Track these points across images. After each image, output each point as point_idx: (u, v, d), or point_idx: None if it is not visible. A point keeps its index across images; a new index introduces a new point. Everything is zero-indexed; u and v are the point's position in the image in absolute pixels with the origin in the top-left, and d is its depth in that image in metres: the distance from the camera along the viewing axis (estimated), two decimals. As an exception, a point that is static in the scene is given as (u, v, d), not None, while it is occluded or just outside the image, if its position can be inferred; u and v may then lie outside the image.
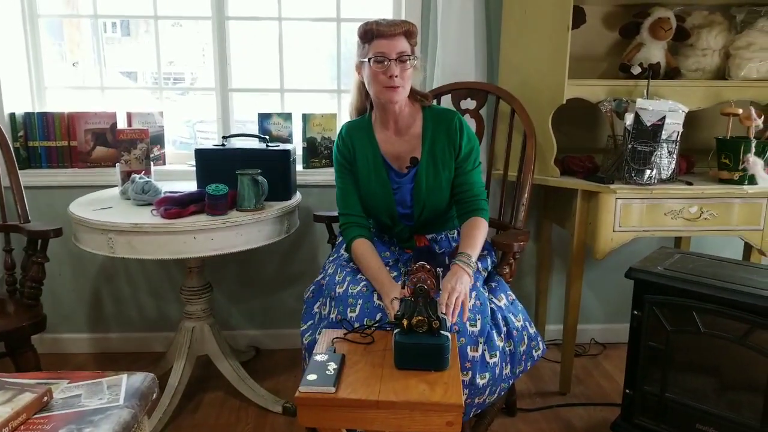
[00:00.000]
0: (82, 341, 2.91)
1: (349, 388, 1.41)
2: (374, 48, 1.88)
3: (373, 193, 2.03)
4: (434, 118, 2.03)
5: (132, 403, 1.38)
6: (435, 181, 2.00)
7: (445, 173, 2.01)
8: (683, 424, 2.00)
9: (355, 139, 2.06)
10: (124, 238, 2.00)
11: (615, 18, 2.63)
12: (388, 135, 2.05)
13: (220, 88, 2.81)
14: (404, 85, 1.92)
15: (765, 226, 2.35)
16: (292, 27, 2.85)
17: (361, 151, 2.04)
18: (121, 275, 2.86)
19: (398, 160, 2.04)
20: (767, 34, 2.38)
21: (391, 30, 1.87)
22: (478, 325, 1.76)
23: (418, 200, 2.02)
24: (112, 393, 1.40)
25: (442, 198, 2.03)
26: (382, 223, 2.10)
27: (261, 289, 2.92)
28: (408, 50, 1.91)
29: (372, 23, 1.89)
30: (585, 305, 2.96)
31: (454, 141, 2.00)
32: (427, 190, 2.00)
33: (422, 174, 2.00)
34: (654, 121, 2.23)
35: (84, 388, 1.42)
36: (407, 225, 2.08)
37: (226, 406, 2.45)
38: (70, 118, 2.68)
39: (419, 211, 2.03)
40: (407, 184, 2.03)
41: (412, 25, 1.93)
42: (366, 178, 2.03)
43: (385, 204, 2.03)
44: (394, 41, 1.88)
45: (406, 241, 2.10)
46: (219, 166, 2.27)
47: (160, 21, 2.79)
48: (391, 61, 1.87)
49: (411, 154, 2.02)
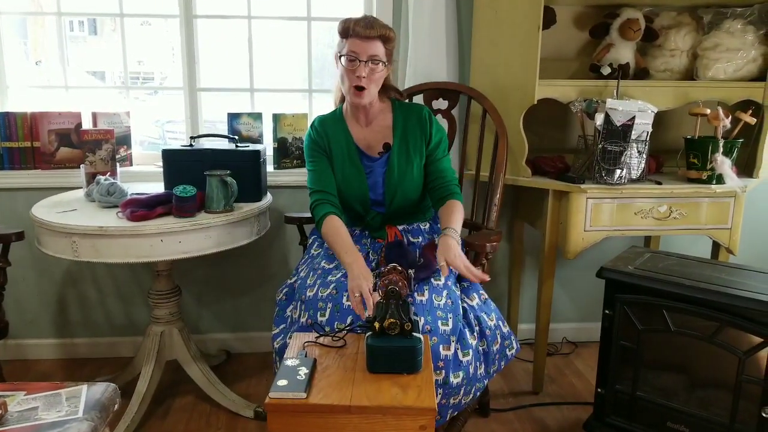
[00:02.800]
0: (47, 347, 2.84)
1: (321, 394, 1.39)
2: (348, 46, 1.92)
3: (348, 179, 2.04)
4: (404, 111, 2.10)
5: (92, 415, 1.33)
6: (407, 166, 2.03)
7: (416, 159, 2.04)
8: (654, 422, 2.02)
9: (328, 129, 2.08)
10: (89, 241, 1.95)
11: (585, 18, 2.65)
12: (360, 125, 2.08)
13: (188, 87, 2.76)
14: (370, 86, 1.95)
15: (733, 225, 2.38)
16: (261, 26, 2.81)
17: (335, 141, 2.06)
18: (88, 279, 2.79)
19: (370, 148, 2.07)
20: (734, 35, 2.41)
21: (367, 32, 1.89)
22: (450, 323, 1.75)
23: (390, 185, 2.03)
24: (71, 405, 1.36)
25: (413, 185, 2.05)
26: (354, 211, 2.09)
27: (231, 292, 2.87)
28: (381, 54, 1.93)
29: (351, 21, 1.91)
30: (557, 304, 2.97)
31: (425, 130, 2.06)
32: (399, 175, 2.02)
33: (394, 158, 2.03)
34: (624, 121, 2.24)
35: (41, 400, 1.37)
36: (379, 212, 2.08)
37: (197, 411, 2.41)
38: (33, 118, 2.60)
39: (391, 196, 2.04)
40: (379, 168, 2.05)
41: (391, 31, 1.95)
42: (340, 165, 2.05)
43: (358, 189, 2.04)
44: (369, 43, 1.90)
45: (378, 230, 2.09)
46: (187, 167, 2.23)
47: (129, 19, 2.73)
48: (361, 62, 1.90)
49: (383, 140, 2.06)
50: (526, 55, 2.32)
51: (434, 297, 1.80)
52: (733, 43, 2.41)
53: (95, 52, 3.06)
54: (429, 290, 1.81)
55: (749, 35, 2.41)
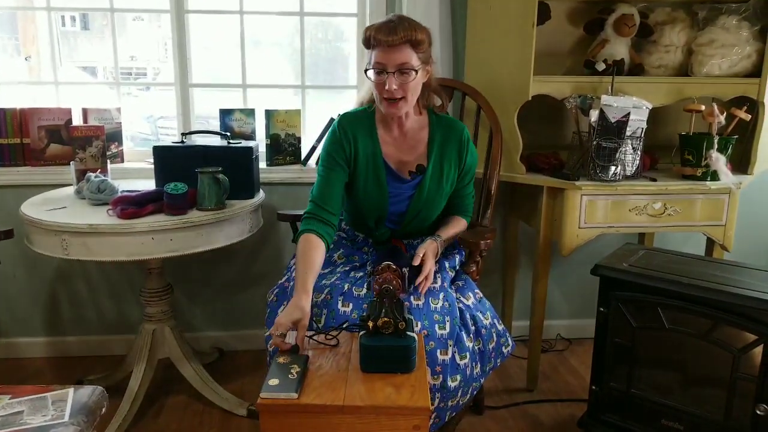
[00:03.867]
0: (38, 345, 2.81)
1: (313, 393, 1.38)
2: (374, 57, 1.76)
3: (369, 197, 1.93)
4: (443, 127, 1.95)
5: (78, 419, 1.31)
6: (436, 193, 1.95)
7: (446, 187, 1.96)
8: (649, 420, 2.01)
9: (358, 134, 1.90)
10: (79, 239, 1.93)
11: (580, 14, 2.63)
12: (392, 136, 1.93)
13: (180, 83, 2.73)
14: (407, 96, 1.79)
15: (727, 222, 2.38)
16: (254, 21, 2.78)
17: (363, 150, 1.90)
18: (79, 277, 2.76)
19: (401, 165, 1.94)
20: (729, 31, 2.40)
21: (391, 39, 1.71)
22: (447, 327, 1.74)
23: (414, 209, 1.96)
24: (57, 409, 1.33)
25: (436, 209, 2.00)
26: (365, 224, 2.03)
27: (224, 290, 2.85)
28: (411, 61, 1.74)
29: (372, 29, 1.75)
30: (551, 301, 2.96)
31: (462, 155, 1.95)
32: (426, 201, 1.95)
33: (426, 183, 1.93)
34: (619, 118, 2.23)
35: (27, 405, 1.35)
36: (390, 228, 2.03)
37: (189, 410, 2.39)
38: (22, 114, 2.57)
39: (410, 219, 1.98)
40: (408, 191, 1.94)
41: (419, 31, 1.75)
42: (363, 180, 1.92)
43: (377, 208, 1.95)
44: (395, 52, 1.73)
45: (383, 243, 2.04)
46: (178, 163, 2.20)
47: (121, 15, 2.70)
48: (389, 74, 1.74)
49: (416, 160, 1.93)
50: (521, 51, 2.30)
51: (431, 300, 1.78)
52: (728, 39, 2.40)
53: (88, 47, 3.03)
54: (425, 294, 1.79)
55: (744, 31, 2.40)
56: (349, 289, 1.80)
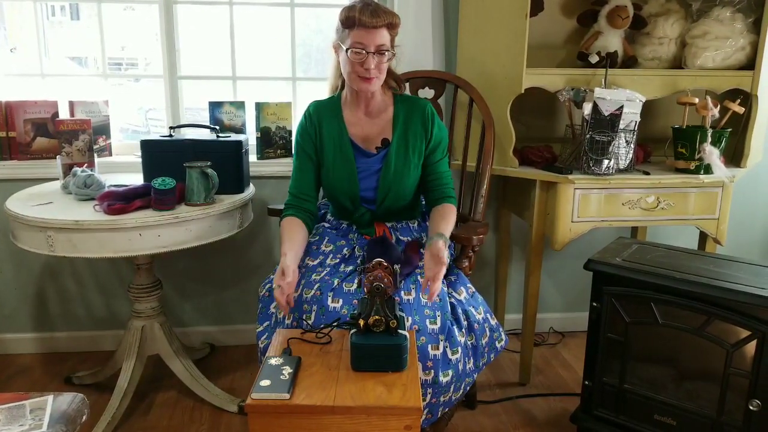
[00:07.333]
0: (26, 341, 2.78)
1: (304, 393, 1.36)
2: (354, 37, 1.82)
3: (338, 174, 1.98)
4: (406, 105, 2.02)
5: (57, 428, 1.27)
6: (404, 165, 1.97)
7: (414, 159, 1.98)
8: (642, 415, 2.01)
9: (323, 117, 2.01)
10: (65, 235, 1.89)
11: (573, 6, 2.60)
12: (358, 116, 2.01)
13: (169, 75, 2.69)
14: (379, 75, 1.88)
15: (720, 215, 2.36)
16: (244, 11, 2.74)
17: (327, 131, 2.00)
18: (67, 272, 2.73)
19: (366, 141, 2.00)
20: (723, 23, 2.39)
21: (374, 22, 1.79)
22: (438, 322, 1.72)
23: (383, 184, 1.97)
24: (35, 417, 1.29)
25: (408, 185, 1.99)
26: (343, 206, 2.04)
27: (215, 285, 2.83)
28: (387, 43, 1.85)
29: (355, 10, 1.80)
30: (543, 294, 2.95)
31: (427, 128, 1.99)
32: (395, 175, 1.96)
33: (392, 156, 1.96)
34: (612, 111, 2.21)
35: (4, 413, 1.31)
36: (368, 209, 2.02)
37: (180, 406, 2.37)
38: (7, 107, 2.52)
39: (383, 195, 1.98)
40: (375, 164, 1.98)
41: (396, 16, 1.87)
42: (331, 158, 1.99)
43: (348, 186, 1.98)
44: (376, 33, 1.81)
45: (366, 227, 2.04)
46: (166, 158, 2.17)
47: (111, 4, 2.65)
48: (369, 54, 1.82)
49: (381, 135, 1.99)
50: (514, 44, 2.27)
51: (421, 295, 1.76)
52: (722, 31, 2.38)
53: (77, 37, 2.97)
54: (416, 288, 1.78)
55: (738, 23, 2.38)
56: (339, 284, 1.79)
